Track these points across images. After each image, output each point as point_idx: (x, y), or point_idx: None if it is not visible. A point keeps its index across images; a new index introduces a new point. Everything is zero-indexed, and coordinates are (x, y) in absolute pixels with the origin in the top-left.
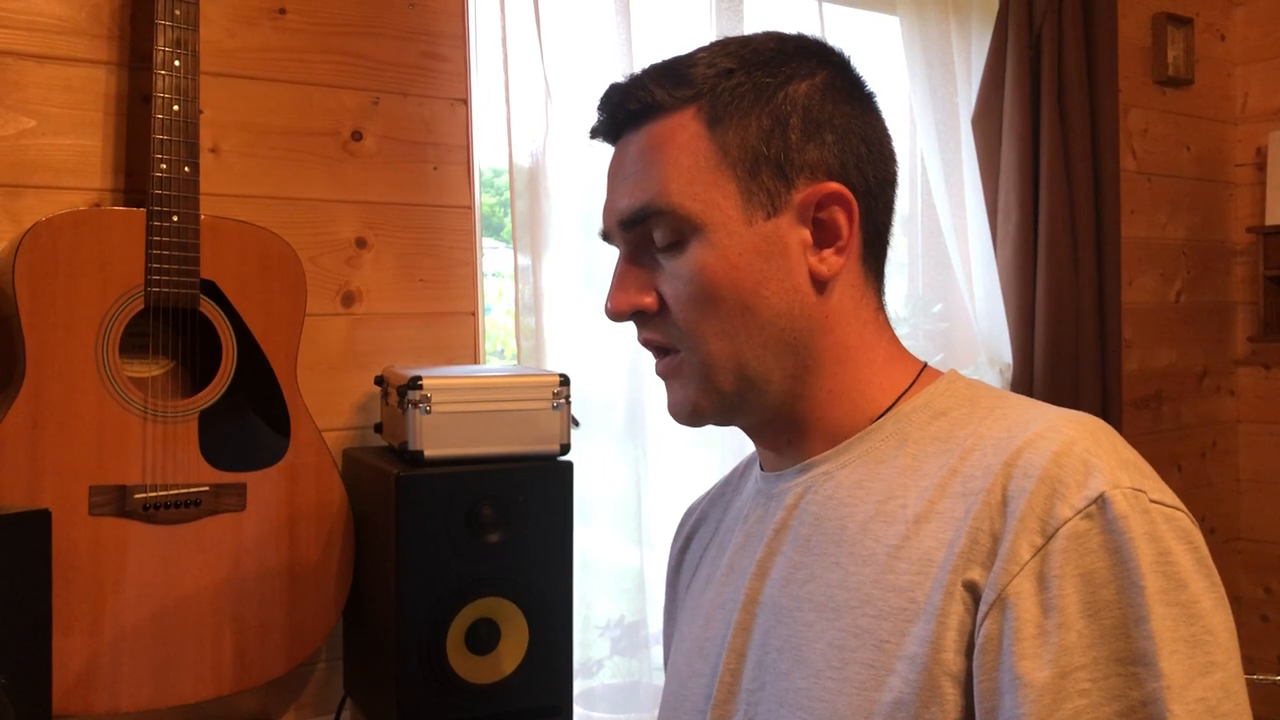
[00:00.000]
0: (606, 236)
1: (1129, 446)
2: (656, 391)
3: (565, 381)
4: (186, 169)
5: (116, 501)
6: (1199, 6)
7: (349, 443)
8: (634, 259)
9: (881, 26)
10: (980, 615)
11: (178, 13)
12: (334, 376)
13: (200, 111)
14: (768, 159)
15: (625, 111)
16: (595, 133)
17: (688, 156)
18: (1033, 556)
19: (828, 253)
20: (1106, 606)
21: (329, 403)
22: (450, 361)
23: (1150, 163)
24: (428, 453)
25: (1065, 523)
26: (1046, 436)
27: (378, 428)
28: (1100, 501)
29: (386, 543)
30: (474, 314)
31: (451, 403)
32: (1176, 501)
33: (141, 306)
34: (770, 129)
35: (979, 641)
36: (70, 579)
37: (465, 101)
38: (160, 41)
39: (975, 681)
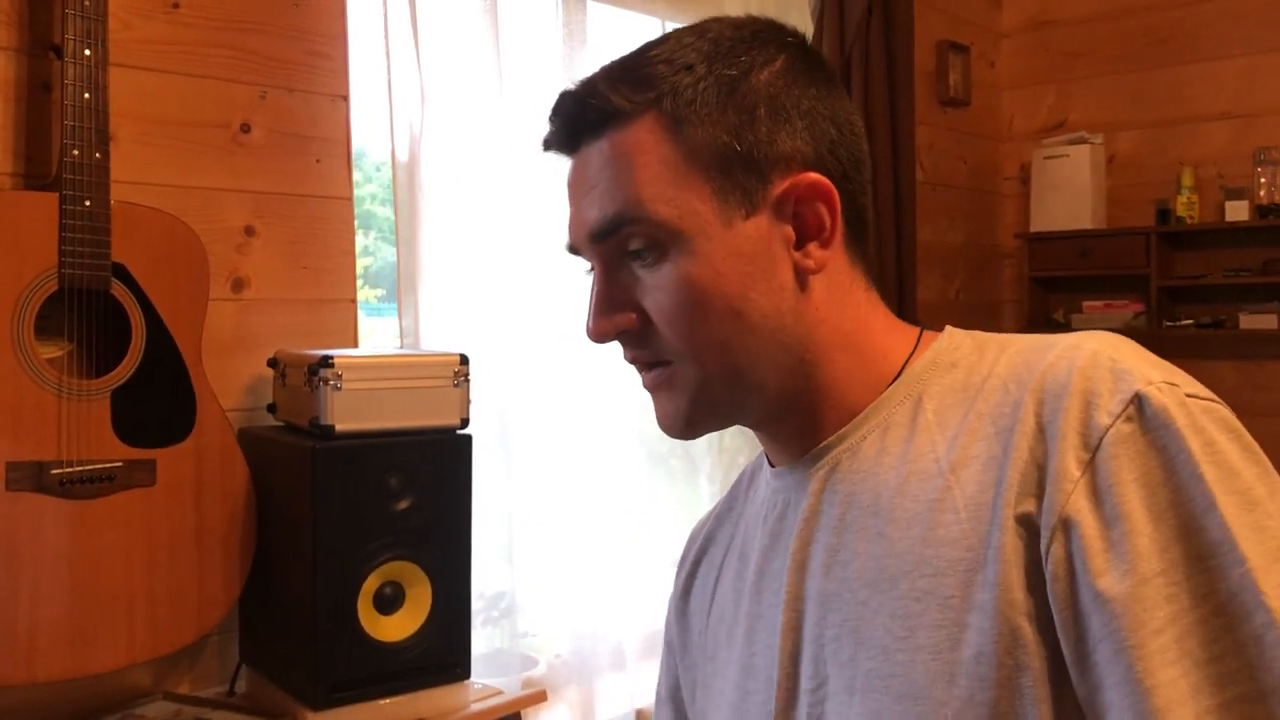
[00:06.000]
0: (575, 250)
1: (1150, 352)
2: (523, 377)
3: (465, 361)
4: (98, 155)
5: (33, 477)
6: (974, 36)
7: (240, 423)
8: (610, 275)
9: None
10: (1044, 545)
11: (87, 3)
12: (224, 359)
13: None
14: (739, 155)
15: (583, 121)
16: (549, 145)
17: (656, 162)
18: (1082, 473)
19: (813, 247)
20: (1170, 505)
21: (220, 385)
22: (331, 345)
23: (935, 174)
24: (339, 427)
25: (1107, 430)
26: (1066, 356)
27: (270, 408)
28: (1137, 401)
29: (300, 512)
30: (353, 300)
31: (361, 380)
32: (1211, 394)
33: (55, 288)
34: (738, 124)
35: (1049, 571)
36: None
37: (345, 98)
38: (70, 31)
39: (1055, 613)
